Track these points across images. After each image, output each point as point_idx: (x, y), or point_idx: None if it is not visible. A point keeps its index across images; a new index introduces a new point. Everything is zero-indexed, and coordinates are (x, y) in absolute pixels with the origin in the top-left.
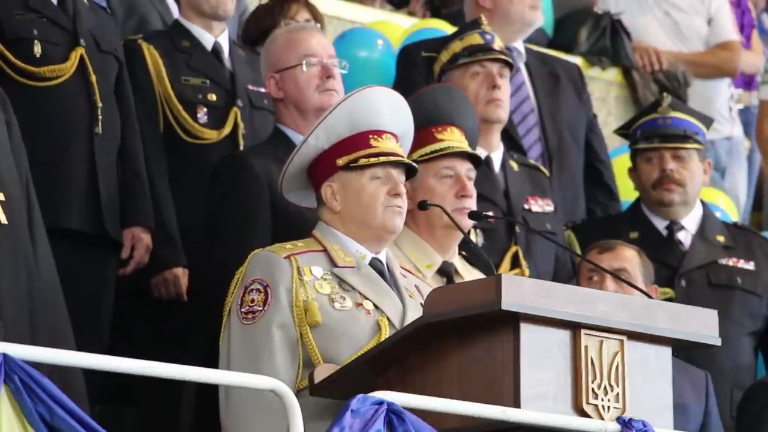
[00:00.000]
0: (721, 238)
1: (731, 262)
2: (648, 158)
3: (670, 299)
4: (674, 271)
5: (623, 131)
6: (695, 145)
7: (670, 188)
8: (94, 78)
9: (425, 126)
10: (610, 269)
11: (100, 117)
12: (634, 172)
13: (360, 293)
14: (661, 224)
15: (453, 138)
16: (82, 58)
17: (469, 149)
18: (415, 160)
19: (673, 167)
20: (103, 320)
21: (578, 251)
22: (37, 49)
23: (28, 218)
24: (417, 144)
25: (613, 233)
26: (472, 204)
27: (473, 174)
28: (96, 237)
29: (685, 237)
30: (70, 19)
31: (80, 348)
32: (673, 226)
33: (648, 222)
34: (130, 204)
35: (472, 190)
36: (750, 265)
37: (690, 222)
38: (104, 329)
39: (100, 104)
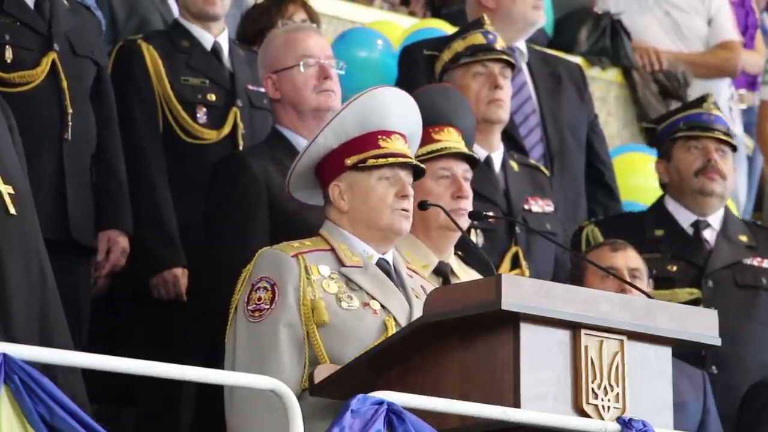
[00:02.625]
0: (744, 238)
1: (756, 262)
2: (689, 147)
3: (696, 300)
4: (700, 270)
5: (653, 124)
6: (732, 147)
7: (713, 177)
8: (65, 83)
9: (422, 126)
10: (626, 268)
11: (70, 123)
12: (667, 162)
13: (367, 293)
14: (686, 222)
15: (450, 138)
16: (54, 63)
17: (466, 150)
18: None
19: (717, 158)
20: (80, 328)
21: None
22: (9, 55)
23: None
24: None
25: (638, 229)
26: (468, 205)
27: (470, 175)
28: (66, 243)
29: (710, 235)
30: (46, 22)
31: None
32: (699, 224)
33: (673, 220)
34: (108, 207)
35: (469, 191)
36: None
37: (715, 220)
38: (82, 338)
39: (70, 110)
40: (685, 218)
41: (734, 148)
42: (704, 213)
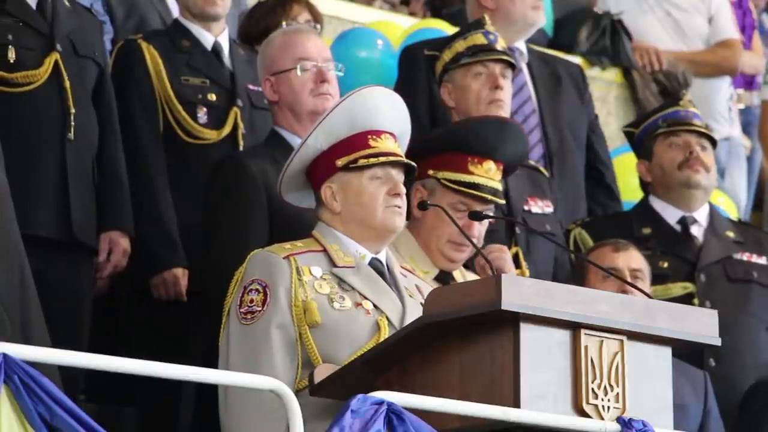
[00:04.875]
0: (730, 234)
1: (745, 257)
2: (670, 143)
3: (690, 294)
4: (692, 265)
5: (632, 128)
6: (712, 142)
7: (697, 169)
8: (68, 83)
9: (463, 151)
10: (627, 269)
11: (72, 123)
12: (648, 162)
13: (359, 293)
14: (672, 219)
15: (486, 175)
16: (56, 64)
17: (494, 196)
18: (439, 179)
19: (699, 150)
20: (82, 327)
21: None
22: (12, 55)
23: None
24: (449, 164)
25: (626, 229)
26: (475, 243)
27: (490, 212)
28: (69, 243)
29: (698, 231)
30: (48, 23)
31: None
32: (686, 219)
33: (659, 217)
34: (108, 209)
35: (480, 233)
36: (762, 260)
37: (701, 216)
38: (83, 337)
39: (73, 110)
40: (671, 215)
41: (714, 143)
42: (690, 208)
